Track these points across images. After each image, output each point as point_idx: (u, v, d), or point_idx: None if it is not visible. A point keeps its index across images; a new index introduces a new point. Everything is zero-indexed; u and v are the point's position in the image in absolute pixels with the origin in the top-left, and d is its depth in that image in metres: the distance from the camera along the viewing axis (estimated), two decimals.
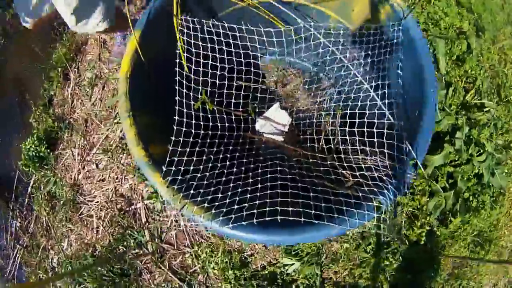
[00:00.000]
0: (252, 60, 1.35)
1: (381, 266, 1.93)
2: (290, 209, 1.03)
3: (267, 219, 1.03)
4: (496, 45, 2.48)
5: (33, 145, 2.29)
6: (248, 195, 1.11)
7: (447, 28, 2.27)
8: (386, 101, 1.15)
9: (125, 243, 2.09)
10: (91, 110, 2.35)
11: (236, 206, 1.08)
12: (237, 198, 1.10)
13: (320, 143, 1.39)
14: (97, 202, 2.20)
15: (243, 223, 1.06)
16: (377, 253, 1.92)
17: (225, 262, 1.95)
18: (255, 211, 1.05)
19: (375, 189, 1.12)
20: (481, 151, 2.01)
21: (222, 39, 1.31)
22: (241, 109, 1.37)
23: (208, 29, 1.30)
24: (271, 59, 1.93)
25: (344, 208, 1.07)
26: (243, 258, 1.99)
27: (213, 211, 1.10)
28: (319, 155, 1.34)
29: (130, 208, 2.15)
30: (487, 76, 2.33)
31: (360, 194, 1.12)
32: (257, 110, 1.57)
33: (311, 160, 1.33)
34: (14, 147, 2.41)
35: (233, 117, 1.38)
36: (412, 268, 1.98)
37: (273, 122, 1.52)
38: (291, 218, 1.02)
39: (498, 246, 2.25)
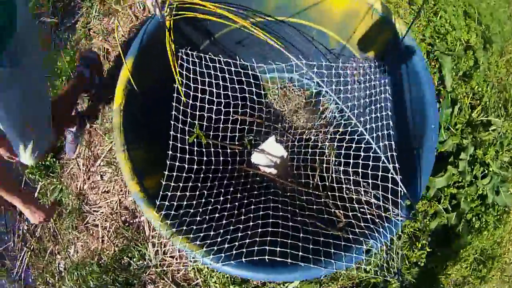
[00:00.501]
0: (252, 81, 1.34)
1: (381, 286, 1.93)
2: (278, 249, 1.04)
3: (255, 258, 1.04)
4: (504, 58, 2.42)
5: None
6: (240, 234, 1.13)
7: (454, 42, 2.23)
8: (381, 144, 1.13)
9: (129, 254, 2.13)
10: (94, 121, 2.37)
11: (226, 245, 1.09)
12: (229, 237, 1.12)
13: (315, 179, 1.38)
14: (102, 212, 2.24)
15: (232, 262, 1.07)
16: (377, 273, 1.91)
17: (226, 277, 1.97)
18: (244, 250, 1.06)
19: (366, 232, 1.12)
20: (486, 171, 1.99)
21: (219, 73, 1.30)
22: (237, 142, 1.37)
23: (206, 63, 1.29)
24: (272, 76, 1.92)
25: (332, 251, 1.08)
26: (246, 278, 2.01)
27: (204, 249, 1.12)
28: (314, 191, 1.34)
29: (134, 221, 2.18)
30: (494, 92, 2.29)
31: (351, 236, 1.12)
32: (253, 143, 1.57)
33: (304, 197, 1.33)
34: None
35: (229, 150, 1.38)
36: None
37: (269, 155, 1.52)
38: (278, 259, 1.03)
39: (501, 263, 2.22)
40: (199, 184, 1.25)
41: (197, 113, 1.26)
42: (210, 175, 1.30)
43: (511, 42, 2.54)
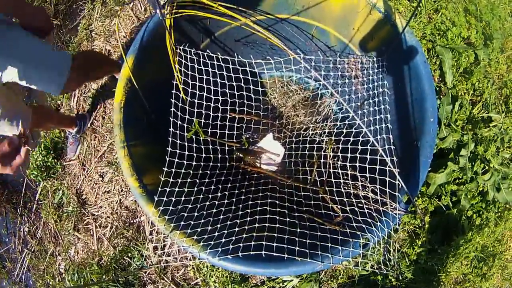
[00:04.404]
0: (251, 80, 1.34)
1: (381, 284, 1.92)
2: (275, 244, 1.04)
3: (252, 253, 1.04)
4: (504, 54, 2.41)
5: (40, 154, 2.34)
6: (237, 229, 1.12)
7: (454, 38, 2.22)
8: (379, 137, 1.13)
9: (129, 254, 2.13)
10: (94, 122, 2.37)
11: (223, 240, 1.09)
12: (225, 232, 1.11)
13: (313, 175, 1.38)
14: (102, 213, 2.24)
15: (228, 256, 1.07)
16: (374, 267, 1.90)
17: (226, 276, 1.96)
18: (241, 245, 1.06)
19: (363, 226, 1.12)
20: (486, 167, 1.98)
21: (217, 70, 1.30)
22: (235, 140, 1.37)
23: (204, 60, 1.29)
24: (272, 75, 1.92)
25: (329, 245, 1.07)
26: (243, 273, 2.00)
27: (201, 243, 1.12)
28: (311, 187, 1.34)
29: (135, 221, 2.18)
30: (495, 88, 2.28)
31: (348, 230, 1.11)
32: (250, 140, 1.57)
33: (302, 193, 1.33)
34: None
35: (227, 148, 1.38)
36: (413, 286, 1.96)
37: (267, 152, 1.52)
38: (275, 254, 1.03)
39: (502, 260, 2.21)
40: (197, 180, 1.25)
41: (195, 110, 1.26)
42: (208, 172, 1.30)
43: (511, 39, 2.52)
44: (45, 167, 2.35)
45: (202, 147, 1.28)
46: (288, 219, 1.15)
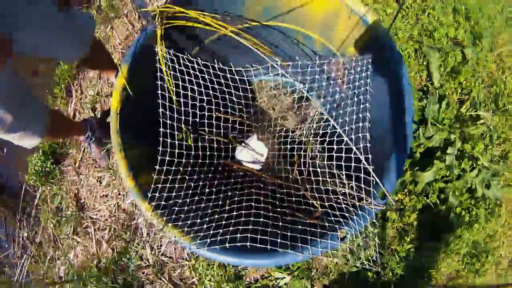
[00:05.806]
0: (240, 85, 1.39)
1: (371, 280, 1.95)
2: (259, 237, 1.09)
3: (238, 244, 1.10)
4: (494, 52, 2.44)
5: (39, 160, 2.39)
6: (224, 222, 1.18)
7: (441, 38, 2.26)
8: (353, 136, 1.17)
9: (127, 256, 2.17)
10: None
11: (211, 232, 1.15)
12: (213, 224, 1.17)
13: (294, 173, 1.43)
14: (101, 216, 2.29)
15: (217, 247, 1.13)
16: (349, 260, 1.93)
17: (221, 275, 2.00)
18: (228, 236, 1.12)
19: (341, 220, 1.17)
20: (474, 165, 2.01)
21: (201, 79, 1.35)
22: (222, 138, 1.44)
23: (192, 64, 1.35)
24: (261, 79, 1.97)
25: (309, 237, 1.12)
26: (237, 272, 2.04)
27: (191, 235, 1.17)
28: (293, 185, 1.39)
29: (132, 223, 2.22)
30: (484, 86, 2.31)
31: (327, 224, 1.16)
32: (237, 139, 1.63)
33: (285, 190, 1.38)
34: (21, 159, 2.48)
35: (215, 145, 1.44)
36: (403, 283, 1.99)
37: (252, 152, 1.58)
38: (258, 246, 1.08)
39: (496, 256, 2.22)
40: (187, 177, 1.30)
41: (183, 109, 1.32)
42: (197, 169, 1.36)
43: (501, 37, 2.55)
44: (43, 172, 2.40)
45: (192, 145, 1.33)
46: (271, 214, 1.21)
